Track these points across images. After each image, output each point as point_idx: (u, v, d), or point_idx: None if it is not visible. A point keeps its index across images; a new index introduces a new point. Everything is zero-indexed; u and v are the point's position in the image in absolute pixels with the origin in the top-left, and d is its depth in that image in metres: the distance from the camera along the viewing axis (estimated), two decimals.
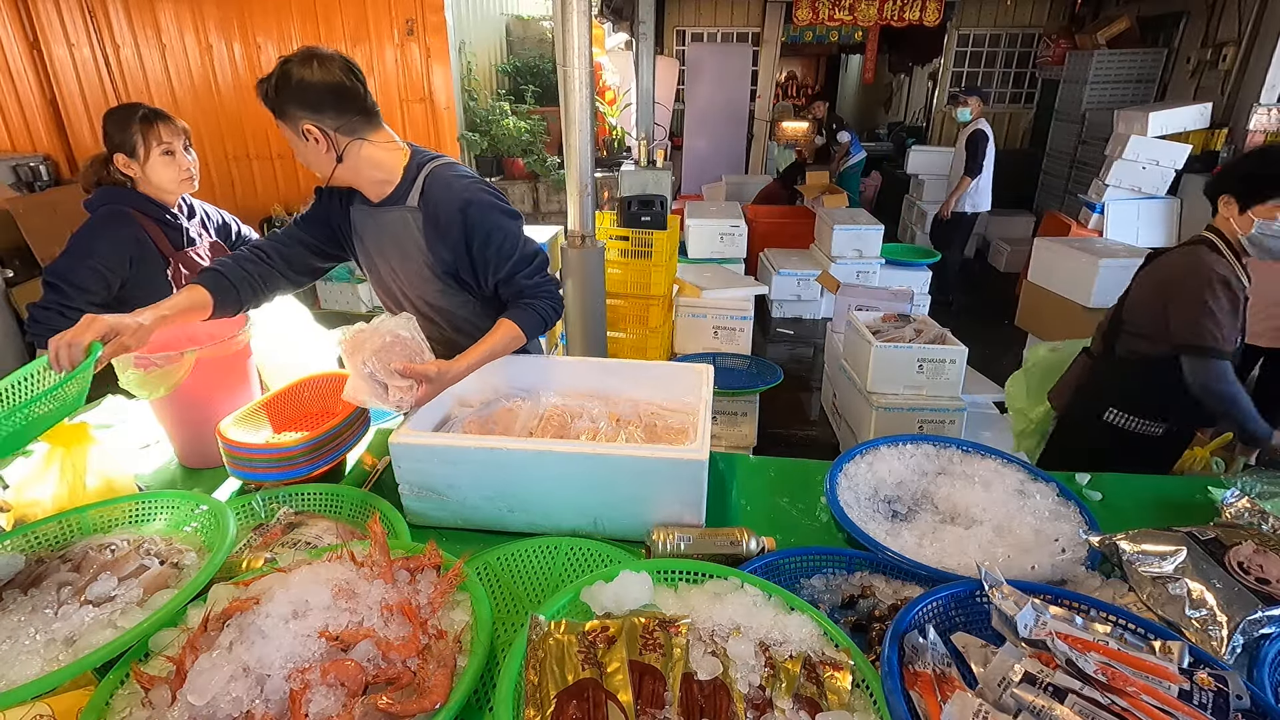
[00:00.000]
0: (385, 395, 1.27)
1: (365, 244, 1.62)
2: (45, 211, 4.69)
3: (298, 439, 1.37)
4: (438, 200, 1.50)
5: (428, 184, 1.52)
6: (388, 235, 1.57)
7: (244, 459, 1.36)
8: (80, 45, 5.40)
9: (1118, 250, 3.86)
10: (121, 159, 1.85)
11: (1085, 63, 6.76)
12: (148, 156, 1.85)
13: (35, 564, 1.11)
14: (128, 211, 1.86)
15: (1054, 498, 1.36)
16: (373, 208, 1.56)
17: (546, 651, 0.88)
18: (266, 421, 1.55)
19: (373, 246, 1.61)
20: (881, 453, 1.51)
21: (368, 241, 1.61)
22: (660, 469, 1.22)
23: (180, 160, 1.89)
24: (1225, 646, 0.94)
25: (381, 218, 1.56)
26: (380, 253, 1.61)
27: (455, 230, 1.51)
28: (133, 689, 0.89)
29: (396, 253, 1.58)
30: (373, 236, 1.60)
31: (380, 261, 1.62)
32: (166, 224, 1.94)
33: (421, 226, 1.53)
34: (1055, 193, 7.36)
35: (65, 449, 1.33)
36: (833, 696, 0.85)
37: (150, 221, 1.90)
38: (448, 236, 1.52)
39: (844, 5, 7.75)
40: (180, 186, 1.92)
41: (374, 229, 1.58)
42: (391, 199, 1.54)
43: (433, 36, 5.15)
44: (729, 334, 4.24)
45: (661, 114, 6.99)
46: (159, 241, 1.91)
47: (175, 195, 1.95)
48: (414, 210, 1.52)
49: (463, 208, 1.49)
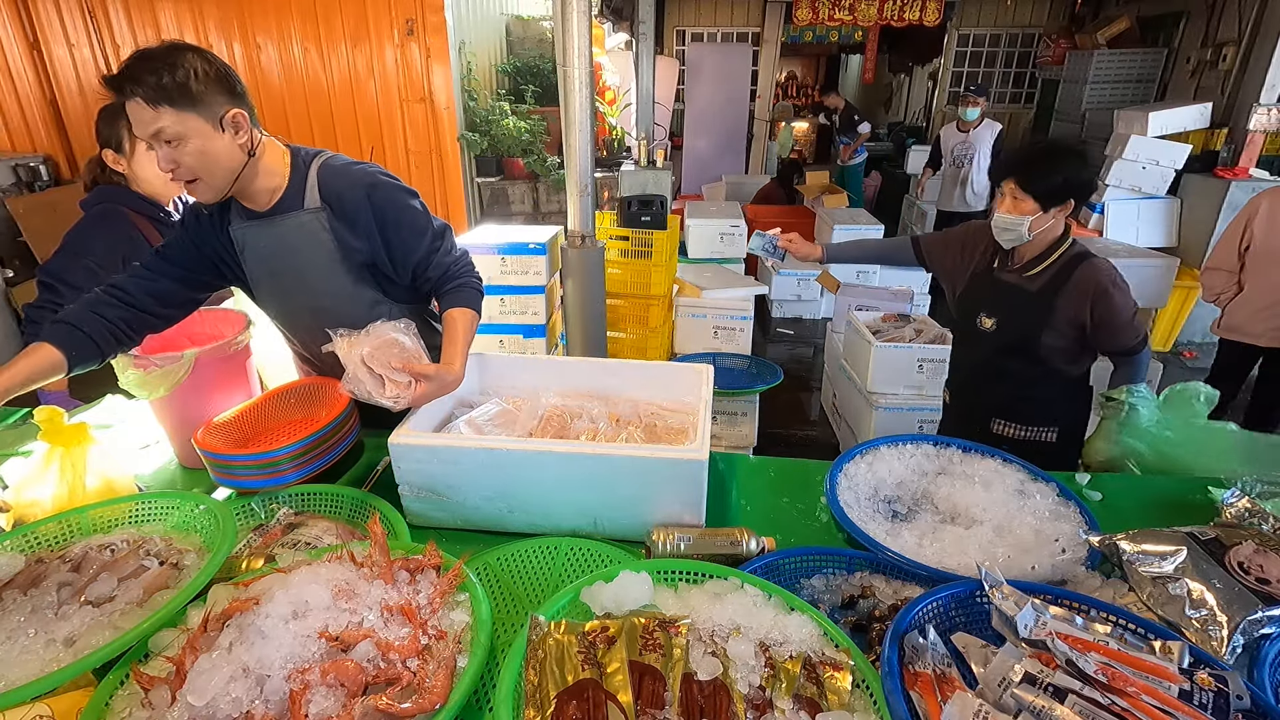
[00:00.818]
0: (382, 389, 1.27)
1: (259, 260, 1.49)
2: (45, 211, 4.69)
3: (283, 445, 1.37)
4: (340, 192, 1.44)
5: (323, 179, 1.45)
6: (289, 244, 1.46)
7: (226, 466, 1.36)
8: (80, 45, 5.39)
9: (1118, 250, 3.86)
10: (110, 155, 1.85)
11: (1085, 63, 6.76)
12: (134, 151, 1.84)
13: (35, 564, 1.11)
14: (121, 210, 1.86)
15: (1054, 498, 1.36)
16: (263, 218, 1.44)
17: (546, 652, 0.88)
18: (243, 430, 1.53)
19: (270, 261, 1.49)
20: (881, 453, 1.51)
21: (263, 256, 1.48)
22: (660, 469, 1.22)
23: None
24: (1225, 646, 0.94)
25: (279, 226, 1.45)
26: (282, 264, 1.49)
27: (364, 216, 1.46)
28: (133, 689, 0.89)
29: (302, 260, 1.48)
30: (268, 249, 1.47)
31: (282, 275, 1.51)
32: (160, 222, 1.93)
33: (328, 225, 1.45)
34: None
35: (65, 449, 1.33)
36: (833, 697, 0.85)
37: (144, 220, 1.90)
38: (357, 225, 1.47)
39: (844, 5, 7.76)
40: (169, 185, 1.91)
41: (270, 240, 1.46)
42: (285, 205, 1.44)
43: (433, 36, 5.15)
44: (729, 334, 4.24)
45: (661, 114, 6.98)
46: (153, 240, 1.90)
47: (168, 193, 1.94)
48: (317, 211, 1.45)
49: (368, 193, 1.45)
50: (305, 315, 1.58)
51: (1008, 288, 1.91)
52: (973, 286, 2.02)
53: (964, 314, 2.04)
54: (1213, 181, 4.94)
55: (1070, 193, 1.77)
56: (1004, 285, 1.92)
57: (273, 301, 1.60)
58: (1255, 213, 3.12)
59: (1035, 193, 1.76)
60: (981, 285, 1.99)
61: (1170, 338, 5.02)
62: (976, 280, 2.01)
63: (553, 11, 5.38)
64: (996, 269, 1.95)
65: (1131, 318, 1.82)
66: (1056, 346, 1.87)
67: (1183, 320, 4.94)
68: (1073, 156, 1.78)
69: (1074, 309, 1.81)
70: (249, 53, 5.37)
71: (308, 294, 1.53)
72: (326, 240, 1.47)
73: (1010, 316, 1.91)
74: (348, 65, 5.35)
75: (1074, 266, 1.82)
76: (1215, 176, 4.95)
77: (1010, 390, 1.97)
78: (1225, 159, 5.10)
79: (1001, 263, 1.94)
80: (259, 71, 5.42)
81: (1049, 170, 1.76)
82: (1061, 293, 1.82)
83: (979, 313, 1.97)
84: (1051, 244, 1.86)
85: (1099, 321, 1.80)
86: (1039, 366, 1.91)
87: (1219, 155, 5.14)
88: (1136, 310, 1.83)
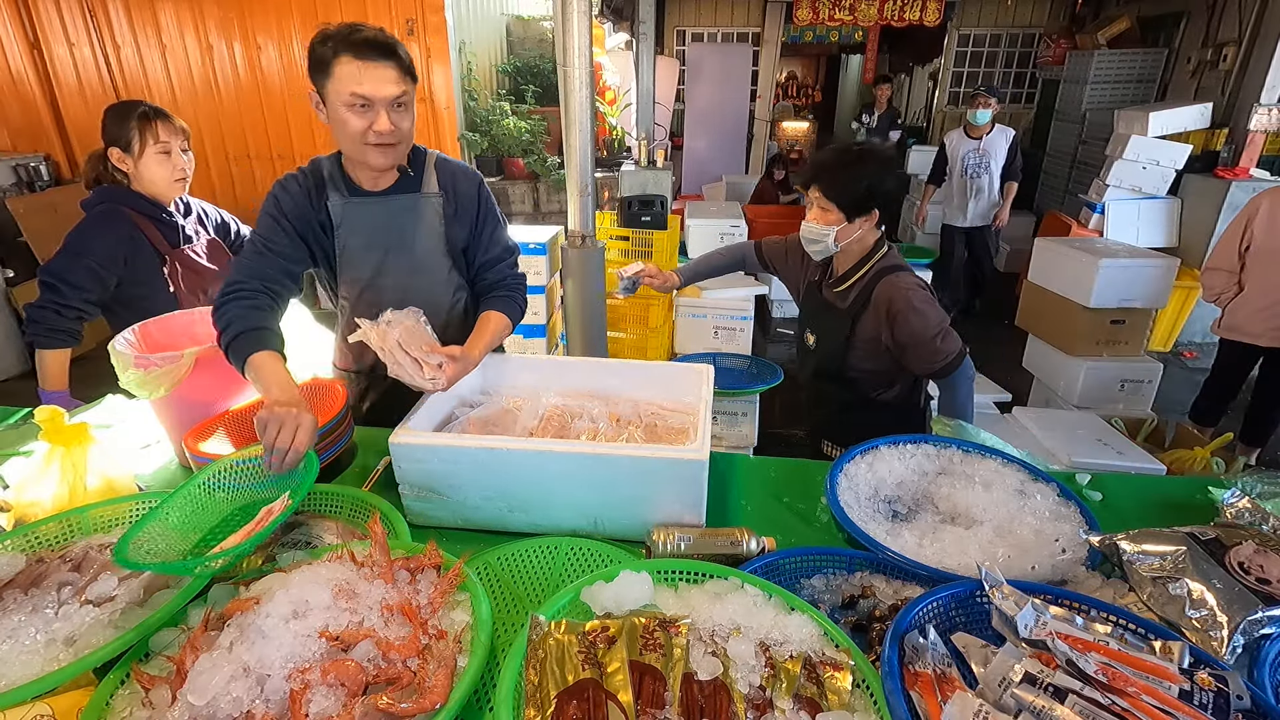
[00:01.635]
0: (421, 371, 1.34)
1: (357, 234, 1.57)
2: (45, 211, 4.69)
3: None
4: (457, 182, 1.62)
5: (441, 169, 1.62)
6: (399, 223, 1.59)
7: None
8: (80, 45, 5.40)
9: (1118, 250, 3.86)
10: (116, 153, 1.85)
11: (1085, 63, 6.76)
12: (142, 153, 1.84)
13: (35, 564, 1.11)
14: (122, 210, 1.86)
15: (1054, 498, 1.35)
16: (375, 196, 1.56)
17: (547, 651, 0.88)
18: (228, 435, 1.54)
19: (371, 235, 1.57)
20: (881, 453, 1.51)
21: (363, 231, 1.57)
22: (660, 469, 1.22)
23: (175, 160, 1.88)
24: (1225, 646, 0.94)
25: (391, 205, 1.58)
26: (385, 240, 1.59)
27: (472, 207, 1.64)
28: (133, 689, 0.89)
29: (409, 239, 1.60)
30: (373, 225, 1.57)
31: (382, 251, 1.59)
32: (162, 222, 1.93)
33: (441, 210, 1.61)
34: (1055, 193, 7.36)
35: (65, 449, 1.33)
36: (833, 696, 0.85)
37: (145, 220, 1.90)
38: (465, 214, 1.63)
39: (844, 5, 7.76)
40: (172, 188, 1.91)
41: (378, 217, 1.57)
42: (401, 187, 1.57)
43: (433, 36, 5.15)
44: (729, 334, 4.24)
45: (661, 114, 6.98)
46: (154, 240, 1.90)
47: (170, 195, 1.94)
48: (433, 196, 1.60)
49: (479, 188, 1.65)
50: (390, 292, 1.63)
51: (825, 305, 1.80)
52: (804, 300, 1.91)
53: (797, 326, 1.96)
54: (1213, 182, 4.94)
55: (875, 202, 1.65)
56: (823, 302, 1.81)
57: (360, 276, 1.63)
58: (1255, 213, 3.12)
59: (840, 202, 1.64)
60: (809, 299, 1.89)
61: (1170, 338, 5.03)
62: (807, 293, 1.90)
63: (553, 11, 5.38)
64: (821, 281, 1.84)
65: (934, 338, 1.67)
66: (865, 369, 1.76)
67: (1183, 320, 4.95)
68: (877, 164, 1.65)
69: (876, 329, 1.69)
70: (249, 53, 5.38)
71: (403, 272, 1.62)
72: (435, 224, 1.61)
73: (824, 335, 1.80)
74: None
75: (875, 284, 1.69)
76: (1215, 177, 4.95)
77: (830, 412, 1.88)
78: (1225, 159, 5.10)
79: (824, 276, 1.84)
80: (259, 71, 5.42)
81: (853, 178, 1.63)
82: (864, 312, 1.70)
83: (805, 327, 1.88)
84: (861, 258, 1.73)
85: (900, 342, 1.68)
86: (851, 390, 1.80)
87: (1219, 155, 5.14)
88: (942, 330, 1.68)
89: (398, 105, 1.42)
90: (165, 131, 1.85)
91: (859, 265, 1.74)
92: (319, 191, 1.54)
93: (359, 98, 1.38)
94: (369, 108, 1.39)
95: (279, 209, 1.52)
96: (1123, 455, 2.63)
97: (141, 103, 1.87)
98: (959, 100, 8.67)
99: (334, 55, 1.36)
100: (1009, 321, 4.68)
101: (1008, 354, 4.45)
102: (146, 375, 1.43)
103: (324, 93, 1.41)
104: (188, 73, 5.45)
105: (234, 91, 5.49)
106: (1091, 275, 3.63)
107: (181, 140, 1.90)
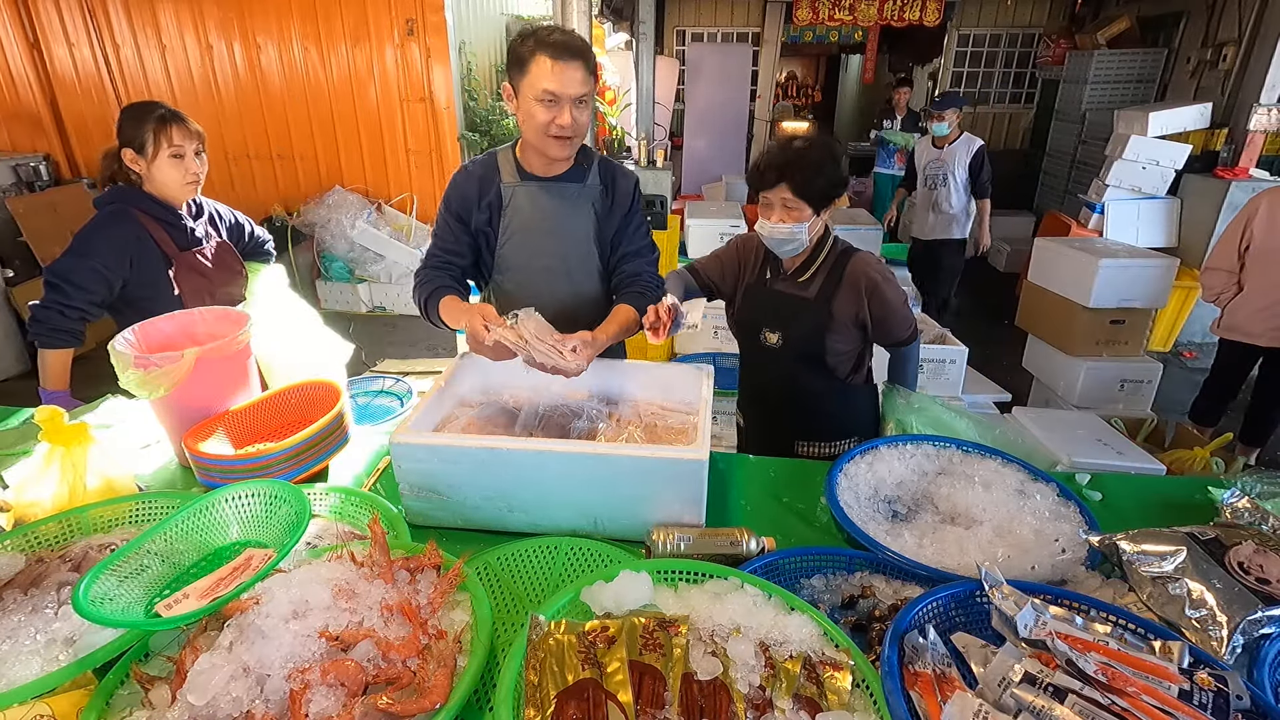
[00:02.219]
0: (561, 357, 1.40)
1: (522, 214, 1.70)
2: (45, 211, 4.69)
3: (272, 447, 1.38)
4: (616, 178, 1.76)
5: (604, 166, 1.75)
6: (562, 208, 1.70)
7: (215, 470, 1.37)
8: (80, 45, 5.40)
9: (1118, 250, 3.86)
10: (130, 154, 1.84)
11: (1085, 63, 6.76)
12: (155, 156, 1.83)
13: (35, 564, 1.11)
14: (131, 211, 1.86)
15: (1054, 498, 1.36)
16: (545, 181, 1.69)
17: (546, 651, 0.88)
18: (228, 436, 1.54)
19: (534, 215, 1.70)
20: (881, 453, 1.51)
21: (528, 212, 1.70)
22: (660, 469, 1.22)
23: (188, 165, 1.87)
24: (1225, 646, 0.94)
25: (557, 191, 1.69)
26: (546, 224, 1.71)
27: (625, 202, 1.75)
28: (133, 689, 0.89)
29: (567, 224, 1.71)
30: (539, 207, 1.70)
31: (541, 233, 1.71)
32: (172, 224, 1.92)
33: (598, 202, 1.73)
34: (1055, 193, 7.36)
35: (65, 449, 1.33)
36: (833, 696, 0.85)
37: (154, 222, 1.89)
38: (617, 208, 1.75)
39: (844, 5, 7.75)
40: (184, 191, 1.91)
41: (545, 200, 1.69)
42: (569, 176, 1.70)
43: (433, 36, 5.15)
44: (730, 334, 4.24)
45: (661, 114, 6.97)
46: (162, 242, 1.90)
47: (181, 197, 1.93)
48: (595, 188, 1.72)
49: (636, 184, 1.79)
50: (540, 273, 1.75)
51: (786, 299, 1.80)
52: (749, 302, 1.88)
53: (746, 331, 1.92)
54: (1213, 182, 4.94)
55: (839, 190, 1.71)
56: (782, 297, 1.81)
57: (518, 255, 1.75)
58: (1255, 213, 3.12)
59: (809, 196, 1.66)
60: (757, 299, 1.86)
61: (1170, 338, 5.03)
62: (751, 294, 1.88)
63: (553, 11, 5.38)
64: (770, 280, 1.84)
65: (903, 304, 1.77)
66: (842, 351, 1.80)
67: (1183, 320, 4.95)
68: (831, 152, 1.69)
69: (853, 307, 1.74)
70: (249, 53, 5.38)
71: (554, 256, 1.73)
72: (591, 214, 1.73)
73: (793, 328, 1.80)
74: (348, 65, 5.35)
75: (843, 264, 1.76)
76: (1215, 177, 4.95)
77: (807, 406, 1.88)
78: (1225, 159, 5.10)
79: (774, 273, 1.83)
80: (259, 71, 5.42)
81: (818, 171, 1.66)
82: (837, 294, 1.74)
83: (761, 329, 1.85)
84: (816, 245, 1.77)
85: (876, 315, 1.75)
86: (829, 378, 1.83)
87: (1219, 155, 5.14)
88: (905, 298, 1.79)
89: (580, 102, 1.54)
90: (180, 136, 1.84)
91: (815, 253, 1.78)
92: (490, 176, 1.70)
93: (549, 94, 1.50)
94: (555, 103, 1.51)
95: (448, 208, 1.73)
96: (1122, 455, 2.63)
97: (159, 105, 1.86)
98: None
99: (531, 54, 1.50)
100: (1009, 321, 4.68)
101: (1007, 354, 4.45)
102: (147, 375, 1.43)
103: (517, 86, 1.54)
104: (188, 73, 5.45)
105: (234, 91, 5.49)
106: (1091, 275, 3.63)
107: (196, 144, 1.89)
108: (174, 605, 0.97)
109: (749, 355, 1.99)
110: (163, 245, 1.90)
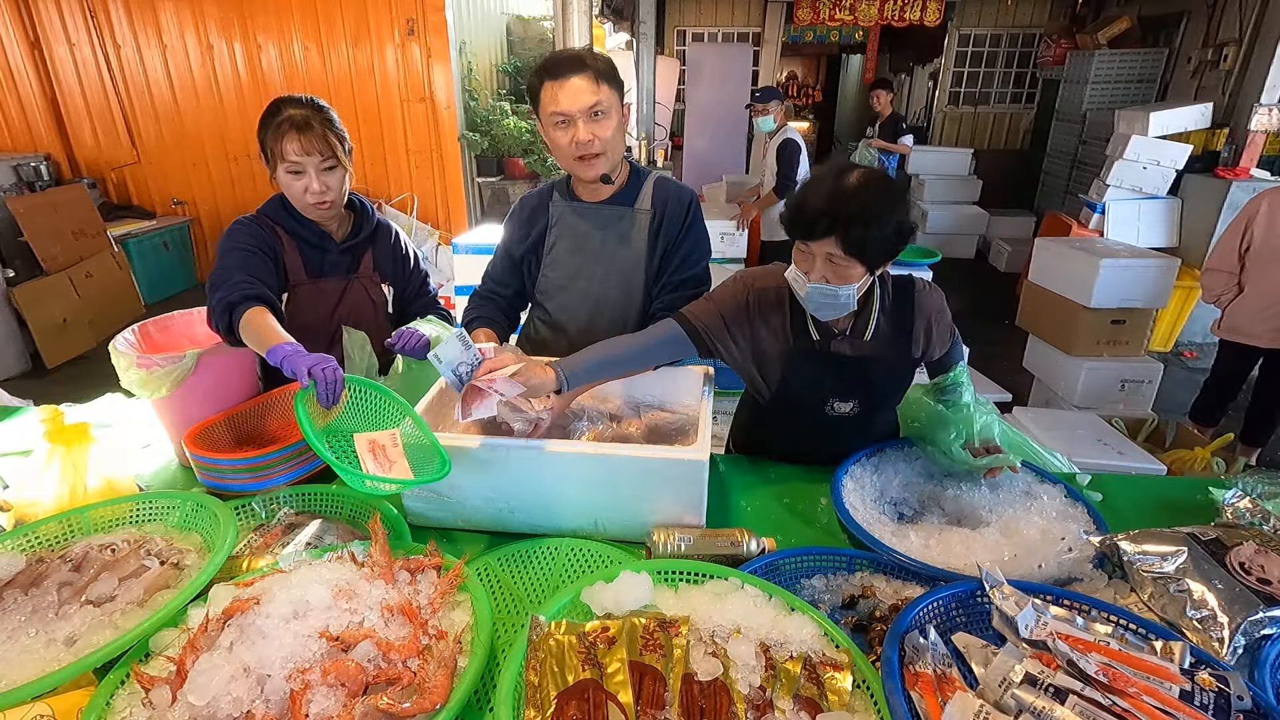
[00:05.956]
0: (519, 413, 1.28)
1: (568, 236, 1.68)
2: (46, 211, 4.68)
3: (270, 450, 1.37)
4: (669, 199, 1.64)
5: (658, 186, 1.66)
6: (609, 232, 1.65)
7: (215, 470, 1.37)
8: (81, 45, 5.40)
9: (1119, 250, 3.86)
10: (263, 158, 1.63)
11: (1086, 63, 6.76)
12: (275, 168, 1.59)
13: (35, 564, 1.11)
14: (265, 221, 1.66)
15: (1061, 499, 1.35)
16: (593, 205, 1.65)
17: (547, 652, 0.88)
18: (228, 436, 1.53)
19: (580, 238, 1.67)
20: (887, 455, 1.51)
21: (574, 234, 1.67)
22: (661, 469, 1.22)
23: (308, 183, 1.57)
24: (1226, 647, 0.94)
25: (605, 214, 1.65)
26: (591, 245, 1.66)
27: (679, 220, 1.64)
28: (133, 689, 0.89)
29: (614, 248, 1.65)
30: (585, 229, 1.66)
31: (585, 255, 1.67)
32: (307, 243, 1.68)
33: (649, 225, 1.64)
34: (1056, 193, 7.36)
35: (66, 448, 1.33)
36: (833, 697, 0.85)
37: (289, 238, 1.66)
38: (669, 227, 1.64)
39: (844, 5, 7.75)
40: (310, 210, 1.63)
41: (591, 222, 1.65)
42: (618, 199, 1.64)
43: (433, 36, 5.15)
44: None
45: (662, 114, 6.97)
46: (290, 262, 1.66)
47: (314, 215, 1.65)
48: (646, 211, 1.64)
49: (691, 203, 1.67)
50: (576, 296, 1.70)
51: (856, 364, 1.45)
52: (799, 373, 1.48)
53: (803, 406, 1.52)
54: (1213, 182, 4.93)
55: (905, 242, 1.29)
56: (850, 362, 1.45)
57: (560, 277, 1.71)
58: (1255, 213, 3.12)
59: (866, 254, 1.25)
60: (812, 369, 1.47)
61: (1170, 338, 5.02)
62: (798, 364, 1.47)
63: (553, 11, 5.38)
64: (821, 340, 1.45)
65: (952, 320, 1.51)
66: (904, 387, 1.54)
67: (1183, 321, 4.94)
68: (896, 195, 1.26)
69: (924, 343, 1.46)
70: (249, 52, 5.38)
71: (597, 280, 1.67)
72: (640, 238, 1.64)
73: (875, 393, 1.49)
74: (348, 65, 5.35)
75: (905, 300, 1.45)
76: (1216, 177, 4.95)
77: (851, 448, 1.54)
78: (1226, 159, 5.10)
79: (821, 330, 1.45)
80: (259, 71, 5.42)
81: (881, 222, 1.22)
82: (912, 340, 1.45)
83: (828, 400, 1.48)
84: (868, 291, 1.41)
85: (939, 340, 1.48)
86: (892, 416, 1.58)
87: (1220, 155, 5.13)
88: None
89: (594, 114, 1.47)
90: (294, 151, 1.53)
91: (869, 298, 1.44)
92: (544, 204, 1.69)
93: (558, 115, 1.47)
94: (567, 122, 1.47)
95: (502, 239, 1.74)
96: (1123, 455, 2.63)
97: (293, 104, 1.57)
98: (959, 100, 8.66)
99: (539, 83, 1.48)
100: (1009, 321, 4.68)
101: (1008, 354, 4.45)
102: (149, 375, 1.43)
103: (540, 120, 1.52)
104: (188, 72, 5.45)
105: (234, 91, 5.49)
106: (1092, 275, 3.63)
107: (319, 159, 1.56)
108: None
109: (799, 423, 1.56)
110: (288, 265, 1.66)
